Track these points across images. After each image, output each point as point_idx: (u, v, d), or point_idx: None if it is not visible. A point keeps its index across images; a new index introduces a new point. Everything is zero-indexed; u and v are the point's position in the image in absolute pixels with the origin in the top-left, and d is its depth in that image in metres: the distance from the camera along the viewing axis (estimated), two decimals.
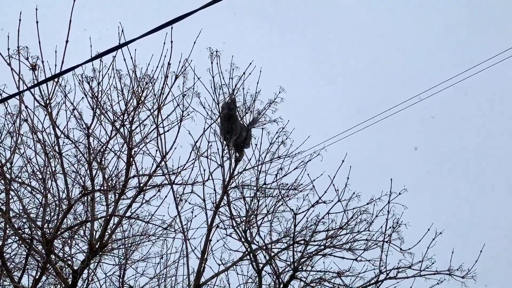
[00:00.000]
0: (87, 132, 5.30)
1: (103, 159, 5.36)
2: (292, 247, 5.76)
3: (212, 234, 5.78)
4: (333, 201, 5.70)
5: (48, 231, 5.09)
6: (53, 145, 5.18)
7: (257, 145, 5.94)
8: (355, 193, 5.68)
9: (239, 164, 6.06)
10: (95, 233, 5.36)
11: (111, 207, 5.34)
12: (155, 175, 5.41)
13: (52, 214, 5.32)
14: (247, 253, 5.84)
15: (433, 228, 5.67)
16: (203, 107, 5.75)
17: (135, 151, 5.38)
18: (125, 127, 5.36)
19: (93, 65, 5.25)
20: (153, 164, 5.41)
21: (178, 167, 5.45)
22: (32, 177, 5.36)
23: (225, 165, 5.93)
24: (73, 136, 5.32)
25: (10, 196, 5.11)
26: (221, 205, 5.86)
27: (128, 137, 5.36)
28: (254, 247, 5.83)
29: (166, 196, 5.53)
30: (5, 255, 5.34)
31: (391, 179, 5.69)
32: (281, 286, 5.81)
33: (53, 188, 5.24)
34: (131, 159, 5.34)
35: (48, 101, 5.09)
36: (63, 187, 5.16)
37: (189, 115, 5.43)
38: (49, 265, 5.21)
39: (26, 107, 5.12)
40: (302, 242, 5.83)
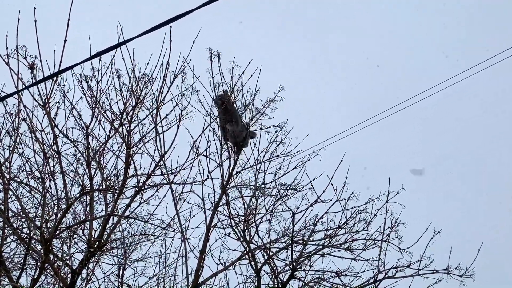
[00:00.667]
0: (85, 131, 5.30)
1: (101, 158, 5.36)
2: (290, 246, 5.76)
3: (210, 233, 5.78)
4: (331, 200, 5.70)
5: (46, 231, 5.08)
6: (52, 144, 5.18)
7: (256, 144, 5.95)
8: (353, 193, 5.68)
9: (238, 163, 6.05)
10: (93, 232, 5.36)
11: (109, 207, 5.34)
12: (153, 174, 5.42)
13: (50, 213, 5.32)
14: (245, 252, 5.84)
15: (431, 227, 5.68)
16: (201, 105, 5.73)
17: (133, 150, 5.38)
18: (123, 127, 5.36)
19: (92, 64, 5.27)
20: (151, 163, 5.42)
21: (177, 166, 5.47)
22: (30, 176, 5.36)
23: (224, 165, 5.93)
24: (72, 135, 5.33)
25: (8, 195, 5.11)
26: (220, 205, 5.85)
27: (126, 136, 5.36)
28: (252, 246, 5.83)
29: (164, 195, 5.54)
30: (3, 254, 5.35)
31: (389, 179, 5.70)
32: (280, 285, 5.81)
33: (51, 187, 5.25)
34: (130, 159, 5.34)
35: (46, 100, 5.09)
36: (62, 186, 5.17)
37: (187, 114, 5.44)
38: (47, 264, 5.21)
39: (24, 106, 5.13)
40: (300, 241, 5.82)
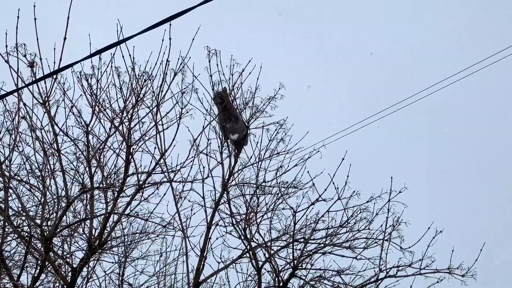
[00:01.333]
0: (86, 129, 5.29)
1: (102, 156, 5.35)
2: (291, 245, 5.75)
3: (211, 232, 5.77)
4: (333, 199, 5.69)
5: (47, 229, 5.08)
6: (52, 142, 5.18)
7: (257, 142, 5.92)
8: (355, 191, 5.67)
9: (239, 161, 6.03)
10: (94, 231, 5.36)
11: (110, 205, 5.34)
12: (154, 172, 5.41)
13: (51, 212, 5.31)
14: (246, 251, 5.82)
15: (434, 226, 5.66)
16: (201, 103, 5.72)
17: (134, 148, 5.37)
18: (124, 125, 5.35)
19: (92, 62, 5.25)
20: (152, 161, 5.41)
21: (177, 164, 5.45)
22: (31, 174, 5.35)
23: (224, 163, 5.91)
24: (72, 133, 5.33)
25: (9, 193, 5.11)
26: (220, 203, 5.84)
27: (127, 134, 5.35)
28: (253, 245, 5.81)
29: (165, 193, 5.53)
30: (4, 253, 5.34)
31: (391, 177, 5.68)
32: (281, 284, 5.79)
33: (52, 185, 5.24)
34: (130, 157, 5.33)
35: (46, 99, 5.09)
36: (62, 184, 5.17)
37: (188, 112, 5.43)
38: (48, 263, 5.21)
39: (24, 104, 5.12)
40: (301, 240, 5.81)
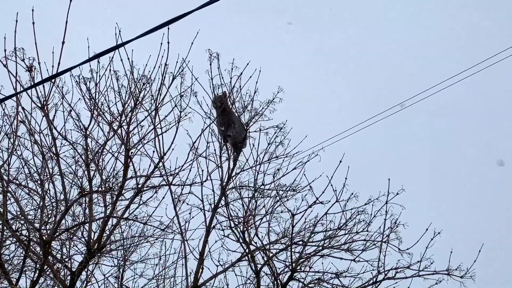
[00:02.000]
0: (84, 133, 5.30)
1: (100, 160, 5.36)
2: (290, 248, 5.75)
3: (210, 235, 5.77)
4: (331, 201, 5.70)
5: (45, 233, 5.08)
6: (51, 146, 5.18)
7: (253, 144, 5.93)
8: (353, 193, 5.68)
9: (237, 164, 6.04)
10: (93, 234, 5.36)
11: (109, 208, 5.34)
12: (153, 176, 5.42)
13: (49, 215, 5.31)
14: (245, 254, 5.83)
15: (432, 228, 5.67)
16: (200, 106, 5.72)
17: (132, 152, 5.38)
18: (122, 128, 5.36)
19: (90, 66, 5.26)
20: (150, 165, 5.42)
21: (176, 168, 5.46)
22: (29, 178, 5.35)
23: (223, 166, 5.92)
24: (71, 137, 5.33)
25: (7, 197, 5.11)
26: (219, 206, 5.84)
27: (125, 138, 5.35)
28: (252, 248, 5.81)
29: (164, 197, 5.54)
30: (2, 256, 5.34)
31: (389, 180, 5.69)
32: (280, 287, 5.80)
33: (50, 189, 5.24)
34: (129, 160, 5.34)
35: (45, 102, 5.09)
36: (61, 188, 5.16)
37: (186, 116, 5.44)
38: (47, 266, 5.21)
39: (23, 108, 5.12)
40: (300, 243, 5.82)
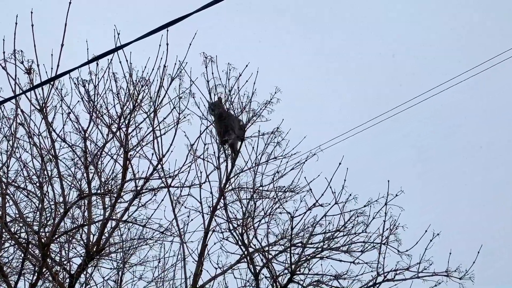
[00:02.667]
0: (83, 135, 5.29)
1: (99, 162, 5.35)
2: (289, 249, 5.75)
3: (209, 237, 5.77)
4: (330, 203, 5.70)
5: (44, 235, 5.07)
6: (49, 148, 5.17)
7: (254, 147, 5.93)
8: (351, 195, 5.68)
9: (236, 165, 6.02)
10: (92, 237, 5.35)
11: (108, 211, 5.33)
12: (151, 178, 5.41)
13: (48, 218, 5.30)
14: (244, 256, 5.82)
15: (431, 229, 5.67)
16: (198, 107, 5.72)
17: (131, 154, 5.37)
18: (121, 130, 5.36)
19: (89, 68, 5.26)
20: (149, 167, 5.41)
21: (174, 170, 5.46)
22: (28, 181, 5.34)
23: (221, 167, 5.91)
24: (70, 139, 5.33)
25: (6, 200, 5.10)
26: (218, 208, 5.84)
27: (124, 140, 5.35)
28: (251, 250, 5.81)
29: (162, 199, 5.54)
30: (1, 259, 5.33)
31: (388, 181, 5.70)
32: None
33: (49, 192, 5.23)
34: (128, 163, 5.33)
35: (44, 105, 5.09)
36: (60, 191, 5.16)
37: (185, 118, 5.44)
38: (45, 269, 5.19)
39: (22, 111, 5.12)
40: (299, 244, 5.82)
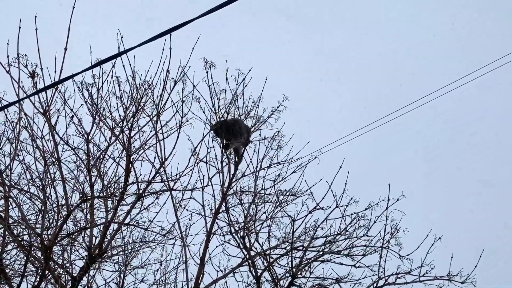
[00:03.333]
0: (86, 138, 5.32)
1: (102, 165, 5.37)
2: (290, 253, 5.76)
3: (211, 240, 5.78)
4: (331, 207, 5.71)
5: (47, 238, 5.09)
6: (52, 151, 5.19)
7: (255, 150, 5.95)
8: (353, 198, 5.70)
9: (238, 169, 6.05)
10: (94, 239, 5.36)
11: (110, 214, 5.35)
12: (154, 181, 5.43)
13: (51, 220, 5.32)
14: (245, 259, 5.84)
15: (432, 233, 5.68)
16: (203, 112, 5.75)
17: (134, 157, 5.39)
18: (124, 134, 5.38)
19: (92, 71, 5.28)
20: (152, 170, 5.43)
21: (177, 173, 5.48)
22: (31, 183, 5.36)
23: (224, 171, 5.93)
24: (73, 142, 5.35)
25: (9, 202, 5.12)
26: (220, 211, 5.86)
27: (127, 143, 5.37)
28: (252, 253, 5.82)
29: (165, 202, 5.55)
30: (4, 261, 5.34)
31: (389, 185, 5.71)
32: None
33: (52, 194, 5.25)
34: (130, 166, 5.35)
35: (47, 108, 5.11)
36: (62, 193, 5.18)
37: (188, 121, 5.46)
38: (48, 272, 5.21)
39: (25, 114, 5.14)
40: (300, 248, 5.83)
